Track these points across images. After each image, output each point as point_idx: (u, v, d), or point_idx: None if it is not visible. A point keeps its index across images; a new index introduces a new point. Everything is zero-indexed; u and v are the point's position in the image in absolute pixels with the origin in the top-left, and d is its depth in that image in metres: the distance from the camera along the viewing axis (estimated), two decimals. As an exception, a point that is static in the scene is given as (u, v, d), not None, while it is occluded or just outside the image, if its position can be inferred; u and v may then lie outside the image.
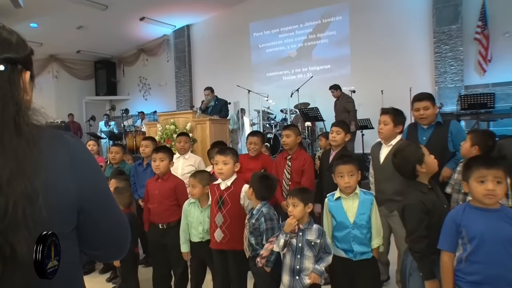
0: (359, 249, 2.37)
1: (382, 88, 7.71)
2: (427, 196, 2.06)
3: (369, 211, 2.38)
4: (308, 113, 6.83)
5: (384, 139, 2.98)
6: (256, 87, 9.30)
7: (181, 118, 5.63)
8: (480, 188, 1.73)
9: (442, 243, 1.87)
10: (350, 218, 2.38)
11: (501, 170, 1.73)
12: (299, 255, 2.26)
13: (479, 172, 1.74)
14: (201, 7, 10.51)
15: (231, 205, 2.66)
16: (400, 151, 2.21)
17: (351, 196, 2.42)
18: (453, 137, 3.03)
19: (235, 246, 2.61)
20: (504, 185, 1.72)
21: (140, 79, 13.03)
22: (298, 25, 9.83)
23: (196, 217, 2.81)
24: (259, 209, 2.49)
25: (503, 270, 1.68)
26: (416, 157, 2.10)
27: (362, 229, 2.37)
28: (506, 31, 7.47)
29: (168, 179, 3.08)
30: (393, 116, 2.91)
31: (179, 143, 4.05)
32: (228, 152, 2.76)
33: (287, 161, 3.34)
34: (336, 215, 2.44)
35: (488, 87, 7.62)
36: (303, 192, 2.32)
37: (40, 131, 0.80)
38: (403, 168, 2.17)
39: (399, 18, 8.49)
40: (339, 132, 3.13)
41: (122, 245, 0.99)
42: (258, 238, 2.46)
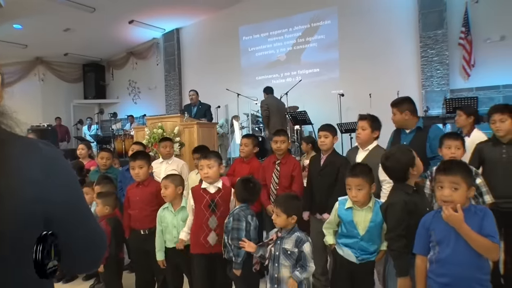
0: (363, 256, 2.38)
1: (370, 92, 7.80)
2: (411, 197, 2.10)
3: (381, 222, 2.33)
4: (296, 116, 6.87)
5: (361, 144, 3.05)
6: (245, 91, 9.33)
7: (169, 122, 5.62)
8: (439, 193, 1.78)
9: (416, 247, 1.92)
10: (360, 230, 2.36)
11: (459, 176, 1.76)
12: (276, 264, 2.28)
13: (438, 178, 1.79)
14: (190, 11, 10.51)
15: (224, 207, 2.70)
16: (393, 154, 2.24)
17: (366, 208, 2.37)
18: (430, 143, 3.07)
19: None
20: (462, 191, 1.75)
21: (130, 83, 12.96)
22: (287, 29, 9.89)
23: (170, 221, 2.83)
24: (233, 211, 2.54)
25: (470, 269, 1.73)
26: (408, 160, 2.14)
27: (369, 241, 2.37)
28: (487, 37, 7.64)
29: (149, 184, 3.09)
30: (371, 121, 2.99)
31: (164, 148, 4.05)
32: (211, 155, 2.79)
33: (275, 166, 3.36)
34: (345, 223, 2.43)
35: (472, 91, 7.76)
36: (288, 202, 2.32)
37: (10, 136, 0.78)
38: (395, 170, 2.19)
39: (387, 23, 8.60)
40: (327, 135, 3.14)
41: (97, 256, 0.97)
42: (229, 238, 2.52)
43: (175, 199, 2.89)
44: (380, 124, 3.07)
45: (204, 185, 2.74)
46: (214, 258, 2.66)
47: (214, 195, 2.70)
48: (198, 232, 2.71)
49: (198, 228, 2.71)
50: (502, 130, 2.86)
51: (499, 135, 2.89)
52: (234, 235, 2.47)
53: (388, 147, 3.15)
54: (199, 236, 2.70)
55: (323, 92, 8.82)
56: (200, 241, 2.69)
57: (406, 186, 2.14)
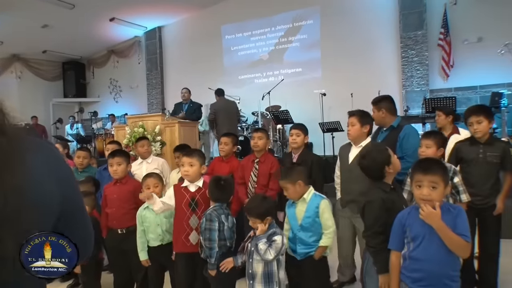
0: (302, 249, 2.47)
1: (351, 91, 7.86)
2: (388, 195, 2.12)
3: (314, 214, 2.46)
4: (278, 115, 6.89)
5: (353, 140, 3.04)
6: (228, 90, 9.22)
7: (150, 121, 5.55)
8: (417, 192, 1.80)
9: (391, 243, 1.95)
10: (298, 221, 2.49)
11: (437, 176, 1.79)
12: (250, 259, 2.29)
13: (417, 177, 1.81)
14: (172, 9, 10.41)
15: (205, 206, 2.67)
16: (369, 152, 2.27)
17: (300, 201, 2.52)
18: (400, 142, 3.09)
19: None
20: (440, 190, 1.78)
21: (111, 81, 12.76)
22: (269, 28, 9.90)
23: (153, 220, 2.79)
24: (206, 211, 2.53)
25: (441, 266, 1.76)
26: (384, 158, 2.16)
27: (307, 232, 2.47)
28: (465, 38, 7.81)
29: (127, 182, 3.06)
30: (359, 117, 3.00)
31: (142, 147, 4.00)
32: (194, 153, 2.75)
33: (254, 164, 3.35)
34: (290, 219, 2.56)
35: (451, 91, 7.92)
36: (258, 208, 2.33)
37: (21, 133, 0.82)
38: (371, 169, 2.21)
39: (368, 23, 8.70)
40: (299, 134, 3.19)
41: (86, 254, 1.00)
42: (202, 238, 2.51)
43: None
44: (370, 119, 3.07)
45: (185, 183, 2.71)
46: (195, 257, 2.63)
47: (195, 193, 2.68)
48: (179, 231, 2.68)
49: (179, 227, 2.68)
50: (480, 131, 2.91)
51: (477, 136, 2.94)
52: (206, 236, 2.45)
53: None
54: (180, 235, 2.67)
55: (306, 92, 8.86)
56: (181, 240, 2.67)
57: (383, 184, 2.16)
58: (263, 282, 2.30)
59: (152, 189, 2.81)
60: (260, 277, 2.30)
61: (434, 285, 1.78)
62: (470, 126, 2.94)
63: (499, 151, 2.89)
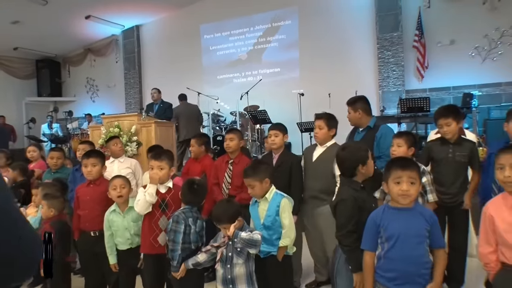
0: (265, 248, 2.48)
1: (329, 91, 7.94)
2: (359, 193, 2.14)
3: (275, 212, 2.48)
4: (256, 115, 6.90)
5: (320, 142, 3.12)
6: (206, 90, 9.26)
7: (126, 121, 5.47)
8: (396, 188, 1.83)
9: (364, 243, 1.96)
10: (261, 220, 2.51)
11: (415, 172, 1.84)
12: (229, 265, 2.28)
13: (395, 173, 1.84)
14: (150, 8, 10.28)
15: (175, 207, 2.65)
16: (350, 146, 2.32)
17: (263, 200, 2.54)
18: (378, 142, 3.18)
19: None
20: (418, 186, 1.83)
21: (88, 80, 12.51)
22: (248, 28, 9.90)
23: (121, 224, 2.75)
24: (174, 213, 2.51)
25: (415, 265, 1.80)
26: (362, 156, 2.19)
27: (269, 230, 2.49)
28: (438, 41, 7.99)
29: (101, 183, 3.00)
30: (327, 120, 3.07)
31: (115, 146, 3.94)
32: (163, 157, 2.73)
33: (228, 165, 3.34)
34: (253, 218, 2.58)
35: (426, 92, 8.08)
36: (228, 212, 2.32)
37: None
38: (346, 163, 2.22)
39: (346, 24, 8.79)
40: (277, 134, 3.18)
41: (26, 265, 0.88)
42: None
43: (124, 202, 2.82)
44: (336, 122, 3.15)
45: (154, 185, 2.68)
46: (163, 258, 2.61)
47: (165, 195, 2.66)
48: (148, 233, 2.65)
49: (148, 229, 2.65)
50: (450, 133, 2.99)
51: (448, 137, 3.01)
52: (171, 237, 2.44)
53: None
54: (149, 236, 2.65)
55: (284, 92, 8.90)
56: (149, 241, 2.65)
57: (354, 183, 2.19)
58: (247, 284, 2.31)
59: (119, 189, 2.77)
60: (243, 280, 2.30)
61: (408, 283, 1.83)
62: (440, 128, 3.01)
63: (467, 151, 2.98)
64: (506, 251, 1.83)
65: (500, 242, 1.86)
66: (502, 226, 1.83)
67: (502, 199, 1.90)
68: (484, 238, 1.93)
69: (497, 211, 1.88)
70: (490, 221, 1.89)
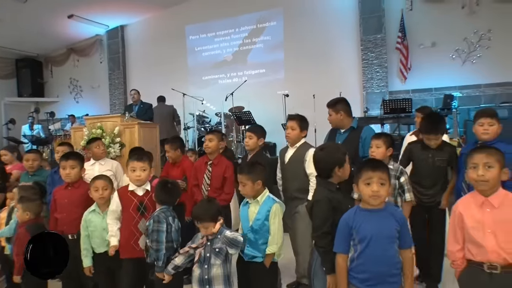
0: (250, 252, 2.47)
1: (314, 93, 7.96)
2: (334, 194, 2.16)
3: (265, 217, 2.45)
4: (241, 116, 6.90)
5: (291, 142, 3.20)
6: (192, 91, 9.23)
7: (109, 122, 5.42)
8: (367, 189, 1.85)
9: (337, 246, 1.97)
10: (249, 222, 2.49)
11: (385, 173, 1.86)
12: (206, 265, 2.28)
13: (366, 175, 1.86)
14: (135, 8, 10.20)
15: (154, 209, 2.63)
16: (328, 146, 2.33)
17: (254, 202, 2.52)
18: (363, 143, 3.21)
19: None
20: (387, 186, 1.86)
21: (71, 81, 12.34)
22: (233, 29, 9.90)
23: (99, 224, 2.72)
24: (153, 213, 2.51)
25: (386, 265, 1.83)
26: (340, 158, 2.19)
27: (256, 234, 2.47)
28: (420, 43, 8.13)
29: (80, 186, 2.96)
30: (299, 121, 3.16)
31: (98, 148, 3.89)
32: (145, 158, 2.73)
33: (207, 166, 3.33)
34: (242, 218, 2.56)
35: (408, 93, 8.21)
36: (210, 211, 2.34)
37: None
38: (323, 164, 2.23)
39: (330, 26, 8.86)
40: (251, 137, 3.25)
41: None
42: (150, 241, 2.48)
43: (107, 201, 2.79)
44: (307, 123, 3.24)
45: (131, 187, 2.67)
46: (143, 262, 2.59)
47: (143, 197, 2.65)
48: (127, 237, 2.63)
49: (127, 232, 2.63)
50: (436, 144, 3.06)
51: (432, 147, 3.08)
52: (154, 237, 2.43)
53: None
54: (129, 240, 2.62)
55: (269, 93, 8.93)
56: (130, 245, 2.62)
57: (329, 184, 2.20)
58: (223, 285, 2.31)
59: (101, 191, 2.74)
60: (220, 281, 2.30)
61: (380, 283, 1.86)
62: (428, 140, 3.06)
63: (446, 156, 3.05)
64: (472, 248, 1.88)
65: (467, 239, 1.91)
66: (470, 224, 1.88)
67: (472, 197, 1.95)
68: (452, 236, 1.98)
69: (466, 209, 1.93)
70: (459, 219, 1.94)
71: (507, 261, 1.78)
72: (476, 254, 1.86)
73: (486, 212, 1.85)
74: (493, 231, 1.81)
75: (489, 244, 1.81)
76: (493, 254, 1.80)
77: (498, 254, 1.79)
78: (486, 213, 1.85)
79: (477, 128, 2.85)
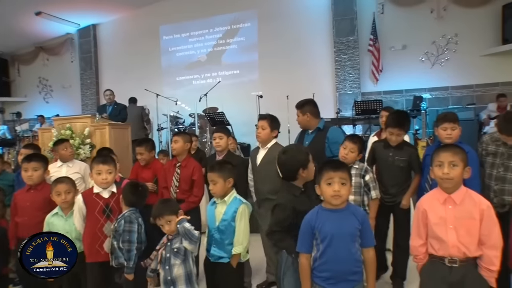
0: (216, 252, 2.46)
1: (287, 94, 8.02)
2: (298, 198, 2.17)
3: (231, 217, 2.44)
4: (214, 117, 6.88)
5: (262, 142, 3.18)
6: (166, 91, 9.14)
7: (79, 123, 5.29)
8: (329, 189, 1.88)
9: (300, 246, 1.98)
10: (216, 222, 2.46)
11: (346, 173, 1.89)
12: (167, 266, 2.26)
13: (327, 175, 1.89)
14: (107, 7, 10.01)
15: (120, 211, 2.59)
16: (291, 149, 2.31)
17: (221, 202, 2.50)
18: (329, 143, 3.25)
19: None
20: (349, 186, 1.89)
21: (40, 80, 11.99)
22: (208, 30, 9.86)
23: (62, 227, 2.66)
24: (123, 214, 2.47)
25: (348, 264, 1.86)
26: (303, 160, 2.20)
27: (222, 234, 2.45)
28: (391, 45, 8.35)
29: (42, 189, 2.88)
30: (270, 121, 3.14)
31: (66, 150, 3.79)
32: (110, 160, 2.68)
33: (176, 168, 3.31)
34: (209, 218, 2.53)
35: (380, 94, 8.40)
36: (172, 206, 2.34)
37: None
38: (287, 166, 2.23)
39: (304, 28, 8.95)
40: (221, 137, 3.24)
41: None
42: (119, 242, 2.44)
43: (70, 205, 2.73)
44: (279, 123, 3.23)
45: (96, 189, 2.61)
46: (108, 265, 2.54)
47: (109, 200, 2.60)
48: (92, 240, 2.58)
49: (92, 236, 2.58)
50: (396, 142, 3.10)
51: (392, 145, 3.13)
52: (126, 237, 2.41)
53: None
54: (94, 244, 2.57)
55: (243, 94, 8.93)
56: (95, 249, 2.57)
57: (294, 188, 2.21)
58: (185, 284, 2.29)
59: (64, 196, 2.67)
60: (183, 280, 2.28)
61: (342, 281, 1.89)
62: (391, 135, 3.11)
63: (406, 156, 3.09)
64: (435, 243, 1.94)
65: (430, 235, 1.97)
66: (434, 220, 1.94)
67: (435, 194, 2.00)
68: (416, 232, 2.04)
69: (430, 206, 1.99)
70: (423, 215, 2.00)
71: (465, 255, 1.87)
72: (438, 249, 1.93)
73: (448, 209, 1.92)
74: (455, 226, 1.89)
75: (451, 239, 1.88)
76: (454, 248, 1.88)
77: (458, 248, 1.87)
78: (448, 210, 1.92)
79: (440, 132, 2.90)
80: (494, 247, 1.87)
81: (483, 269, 1.88)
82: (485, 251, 1.87)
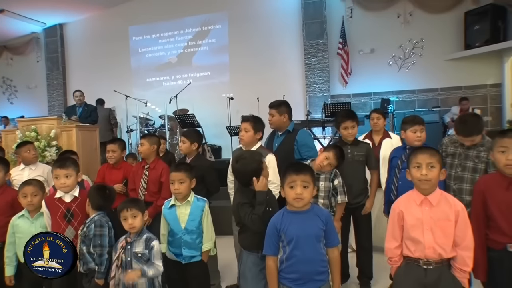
0: (188, 253, 2.47)
1: (258, 96, 8.07)
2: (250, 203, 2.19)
3: (200, 217, 2.48)
4: (185, 119, 6.84)
5: (245, 145, 3.09)
6: (135, 93, 9.00)
7: (45, 125, 5.15)
8: (291, 192, 1.91)
9: (266, 249, 2.01)
10: (181, 224, 2.47)
11: (308, 176, 1.92)
12: (130, 269, 2.23)
13: (290, 178, 1.92)
14: (75, 6, 9.76)
15: (82, 216, 2.55)
16: (243, 158, 2.29)
17: (184, 203, 2.50)
18: (298, 146, 3.25)
19: None
20: (311, 189, 1.93)
21: (4, 80, 11.57)
22: (178, 31, 9.78)
23: (27, 229, 2.59)
24: (92, 218, 2.43)
25: (313, 264, 1.90)
26: (255, 168, 2.20)
27: (192, 235, 2.47)
28: (360, 49, 8.55)
29: (4, 192, 2.80)
30: (253, 123, 3.05)
31: (29, 153, 3.69)
32: (68, 164, 2.63)
33: (144, 170, 3.28)
34: (169, 222, 2.51)
35: (349, 97, 8.58)
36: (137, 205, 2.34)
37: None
38: (240, 174, 2.26)
39: (275, 30, 9.02)
40: (184, 141, 3.23)
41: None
42: (89, 247, 2.39)
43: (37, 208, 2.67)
44: (263, 125, 3.14)
45: (59, 194, 2.56)
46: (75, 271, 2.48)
47: (71, 204, 2.55)
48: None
49: (54, 241, 2.51)
50: (353, 135, 3.19)
51: (350, 139, 3.20)
52: (97, 242, 2.36)
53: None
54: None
55: (214, 95, 8.95)
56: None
57: (248, 191, 2.24)
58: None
59: (30, 198, 2.60)
60: (144, 285, 2.25)
61: (309, 281, 1.92)
62: (345, 129, 3.17)
63: (364, 151, 3.19)
64: (411, 245, 1.96)
65: (406, 237, 1.99)
66: (410, 221, 1.96)
67: (412, 195, 2.03)
68: (391, 233, 2.05)
69: (407, 207, 2.00)
70: (399, 216, 2.01)
71: (441, 256, 1.89)
72: (414, 251, 1.94)
73: (425, 210, 1.94)
74: (431, 228, 1.91)
75: (427, 240, 1.90)
76: (429, 249, 1.90)
77: (434, 250, 1.89)
78: (425, 211, 1.94)
79: (409, 134, 2.94)
80: (467, 248, 1.89)
81: (456, 270, 1.90)
82: (459, 252, 1.89)
